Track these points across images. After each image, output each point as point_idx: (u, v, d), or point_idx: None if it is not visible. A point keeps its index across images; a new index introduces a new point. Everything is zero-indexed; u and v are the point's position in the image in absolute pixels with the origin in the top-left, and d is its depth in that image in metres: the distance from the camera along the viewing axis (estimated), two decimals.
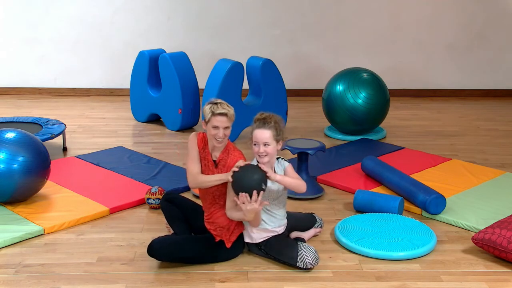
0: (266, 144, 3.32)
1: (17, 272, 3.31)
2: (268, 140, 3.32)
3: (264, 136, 3.32)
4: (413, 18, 7.71)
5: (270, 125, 3.34)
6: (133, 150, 5.44)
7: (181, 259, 3.37)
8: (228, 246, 3.41)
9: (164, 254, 3.33)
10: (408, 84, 7.88)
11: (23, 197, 4.12)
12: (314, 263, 3.31)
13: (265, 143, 3.32)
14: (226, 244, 3.41)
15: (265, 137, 3.32)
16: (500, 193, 4.40)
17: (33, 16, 7.46)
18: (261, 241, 3.45)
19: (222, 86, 5.61)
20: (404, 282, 3.25)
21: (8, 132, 4.13)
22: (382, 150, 5.47)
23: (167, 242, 3.36)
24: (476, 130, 6.37)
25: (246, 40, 7.62)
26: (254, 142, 3.34)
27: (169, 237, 3.48)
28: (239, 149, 3.46)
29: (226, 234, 3.42)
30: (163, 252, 3.32)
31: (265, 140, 3.32)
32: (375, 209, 4.04)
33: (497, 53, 7.86)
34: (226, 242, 3.41)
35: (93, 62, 7.65)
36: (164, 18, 7.57)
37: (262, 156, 3.33)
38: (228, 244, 3.41)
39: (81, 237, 3.75)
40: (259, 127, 3.35)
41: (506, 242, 3.37)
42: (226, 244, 3.41)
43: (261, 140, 3.32)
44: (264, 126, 3.33)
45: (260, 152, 3.32)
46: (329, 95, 5.92)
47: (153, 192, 4.16)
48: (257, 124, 3.36)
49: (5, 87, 7.66)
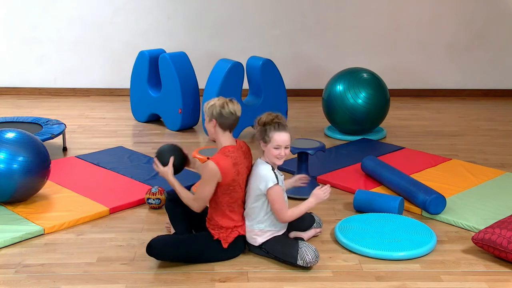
0: (287, 147, 3.37)
1: (17, 272, 3.31)
2: (289, 143, 3.38)
3: (286, 139, 3.36)
4: (413, 18, 7.71)
5: (287, 127, 3.40)
6: (133, 150, 5.44)
7: (180, 258, 3.38)
8: (224, 247, 3.41)
9: (163, 253, 3.33)
10: (408, 84, 7.88)
11: (23, 197, 4.12)
12: (314, 261, 3.31)
13: (287, 146, 3.37)
14: (223, 244, 3.41)
15: (287, 139, 3.36)
16: (500, 193, 4.40)
17: (33, 16, 7.46)
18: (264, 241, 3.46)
19: (222, 86, 5.61)
20: (404, 282, 3.25)
21: (8, 132, 4.13)
22: (382, 150, 5.47)
23: (166, 241, 3.37)
24: (476, 130, 6.38)
25: (246, 40, 7.62)
26: (276, 145, 3.34)
27: (168, 236, 3.49)
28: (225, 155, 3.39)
29: (223, 234, 3.42)
30: (162, 251, 3.32)
31: (287, 143, 3.36)
32: (375, 209, 4.04)
33: (497, 53, 7.86)
34: (223, 242, 3.41)
35: (93, 62, 7.65)
36: (164, 18, 7.57)
37: (281, 158, 3.37)
38: (225, 244, 3.41)
39: (81, 237, 3.75)
40: (279, 129, 3.35)
41: (506, 242, 3.37)
42: (223, 244, 3.41)
43: (284, 143, 3.35)
44: (284, 129, 3.36)
45: (281, 155, 3.35)
46: (329, 95, 5.92)
47: (153, 192, 4.16)
48: (274, 126, 3.35)
49: (5, 87, 7.66)
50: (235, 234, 3.44)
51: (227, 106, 3.37)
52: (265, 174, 3.37)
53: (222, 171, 3.30)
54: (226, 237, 3.42)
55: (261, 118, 3.41)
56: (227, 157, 3.34)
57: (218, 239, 3.42)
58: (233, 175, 3.34)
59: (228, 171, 3.32)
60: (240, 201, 3.46)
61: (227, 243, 3.41)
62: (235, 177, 3.36)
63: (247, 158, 3.49)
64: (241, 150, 3.45)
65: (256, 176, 3.41)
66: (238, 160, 3.39)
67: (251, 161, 3.54)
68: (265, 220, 3.44)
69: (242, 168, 3.41)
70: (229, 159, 3.34)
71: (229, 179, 3.33)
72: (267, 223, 3.45)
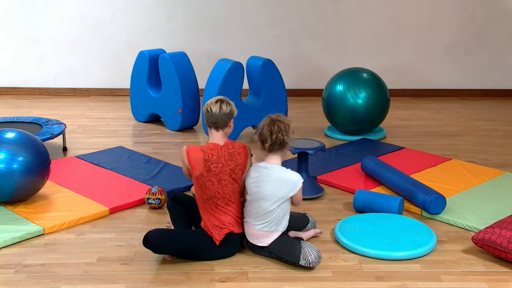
0: None
1: (17, 272, 3.31)
2: None
3: None
4: (413, 18, 7.71)
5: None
6: (133, 150, 5.44)
7: (176, 251, 3.39)
8: (216, 244, 3.41)
9: (159, 245, 3.33)
10: (408, 84, 7.88)
11: (23, 197, 4.12)
12: (317, 261, 3.31)
13: None
14: (215, 241, 3.41)
15: None
16: (500, 193, 4.40)
17: (33, 16, 7.46)
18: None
19: (222, 86, 5.61)
20: (404, 282, 3.25)
21: (8, 132, 4.13)
22: (382, 150, 5.47)
23: (163, 234, 3.38)
24: (476, 130, 6.37)
25: (246, 40, 7.62)
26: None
27: (165, 229, 3.50)
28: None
29: (213, 231, 3.43)
30: (158, 243, 3.32)
31: None
32: (375, 209, 4.04)
33: (497, 53, 7.86)
34: (214, 239, 3.42)
35: (93, 62, 7.65)
36: (164, 18, 7.57)
37: None
38: (216, 241, 3.42)
39: (81, 237, 3.75)
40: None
41: (506, 242, 3.37)
42: (215, 242, 3.41)
43: None
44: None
45: None
46: (329, 95, 5.92)
47: (153, 192, 4.16)
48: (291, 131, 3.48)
49: (5, 87, 7.66)
50: (225, 231, 3.44)
51: (207, 104, 3.47)
52: (292, 176, 3.43)
53: (189, 161, 3.42)
54: (216, 235, 3.43)
55: (284, 125, 3.44)
56: (201, 151, 3.42)
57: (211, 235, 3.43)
58: (202, 170, 3.39)
59: (196, 163, 3.41)
60: (219, 201, 3.43)
61: (217, 241, 3.42)
62: (204, 172, 3.39)
63: (232, 160, 3.45)
64: (225, 151, 3.45)
65: (279, 181, 3.41)
66: (213, 159, 3.40)
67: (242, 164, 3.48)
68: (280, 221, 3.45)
69: (216, 168, 3.40)
70: (201, 154, 3.42)
71: (197, 172, 3.41)
72: (280, 223, 3.46)
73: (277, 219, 3.44)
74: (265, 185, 3.41)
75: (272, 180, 3.41)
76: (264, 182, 3.42)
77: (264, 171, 3.44)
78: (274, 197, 3.40)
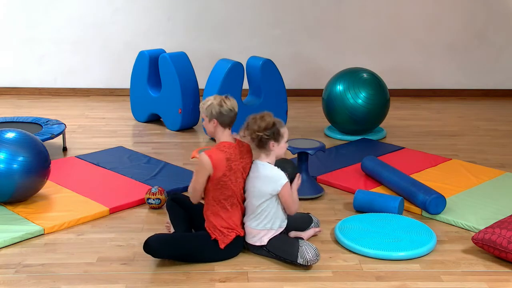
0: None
1: (17, 272, 3.31)
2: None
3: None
4: (413, 18, 7.71)
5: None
6: (133, 150, 5.44)
7: (176, 256, 3.38)
8: (221, 247, 3.41)
9: (159, 250, 3.32)
10: (408, 84, 7.88)
11: (23, 197, 4.12)
12: (315, 259, 3.32)
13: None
14: (220, 244, 3.41)
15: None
16: (500, 193, 4.40)
17: (33, 16, 7.46)
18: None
19: (222, 86, 5.61)
20: (404, 282, 3.25)
21: (8, 132, 4.13)
22: (382, 150, 5.47)
23: (163, 239, 3.37)
24: (476, 130, 6.37)
25: (246, 40, 7.62)
26: (286, 139, 3.51)
27: (165, 234, 3.50)
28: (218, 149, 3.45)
29: (219, 234, 3.42)
30: (158, 248, 3.31)
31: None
32: (375, 209, 4.04)
33: (497, 53, 7.85)
34: (220, 242, 3.41)
35: (93, 62, 7.65)
36: (164, 18, 7.57)
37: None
38: (222, 245, 3.41)
39: (81, 237, 3.75)
40: (283, 126, 3.50)
41: (506, 242, 3.37)
42: (220, 245, 3.41)
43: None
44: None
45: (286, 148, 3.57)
46: (329, 95, 5.92)
47: (153, 192, 4.16)
48: (281, 124, 3.47)
49: (5, 87, 7.66)
50: (233, 235, 3.43)
51: (225, 104, 3.41)
52: (275, 174, 3.43)
53: (214, 164, 3.33)
54: (224, 238, 3.42)
55: (259, 124, 3.41)
56: (221, 152, 3.37)
57: (215, 239, 3.42)
58: (224, 170, 3.36)
59: (220, 164, 3.34)
60: (234, 200, 3.44)
61: (224, 244, 3.41)
62: (226, 172, 3.37)
63: (244, 158, 3.49)
64: (238, 148, 3.46)
65: (264, 178, 3.43)
66: (233, 157, 3.40)
67: (250, 162, 3.54)
68: (272, 219, 3.45)
69: (236, 165, 3.41)
70: (223, 154, 3.37)
71: (220, 173, 3.35)
72: (273, 222, 3.46)
73: (269, 217, 3.44)
74: (254, 182, 3.46)
75: (258, 176, 3.45)
76: (252, 179, 3.48)
77: (253, 167, 3.51)
78: (259, 193, 3.42)
